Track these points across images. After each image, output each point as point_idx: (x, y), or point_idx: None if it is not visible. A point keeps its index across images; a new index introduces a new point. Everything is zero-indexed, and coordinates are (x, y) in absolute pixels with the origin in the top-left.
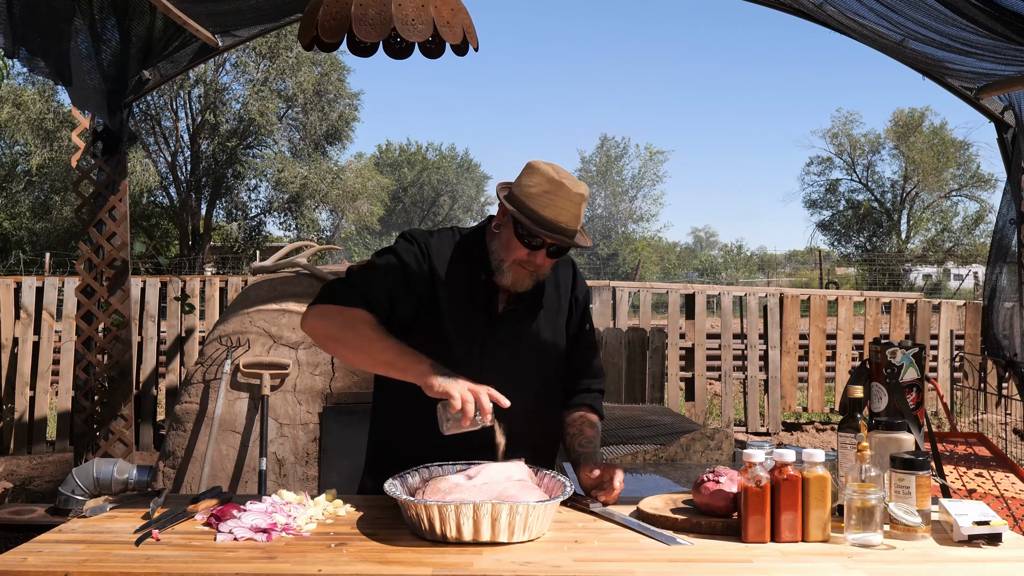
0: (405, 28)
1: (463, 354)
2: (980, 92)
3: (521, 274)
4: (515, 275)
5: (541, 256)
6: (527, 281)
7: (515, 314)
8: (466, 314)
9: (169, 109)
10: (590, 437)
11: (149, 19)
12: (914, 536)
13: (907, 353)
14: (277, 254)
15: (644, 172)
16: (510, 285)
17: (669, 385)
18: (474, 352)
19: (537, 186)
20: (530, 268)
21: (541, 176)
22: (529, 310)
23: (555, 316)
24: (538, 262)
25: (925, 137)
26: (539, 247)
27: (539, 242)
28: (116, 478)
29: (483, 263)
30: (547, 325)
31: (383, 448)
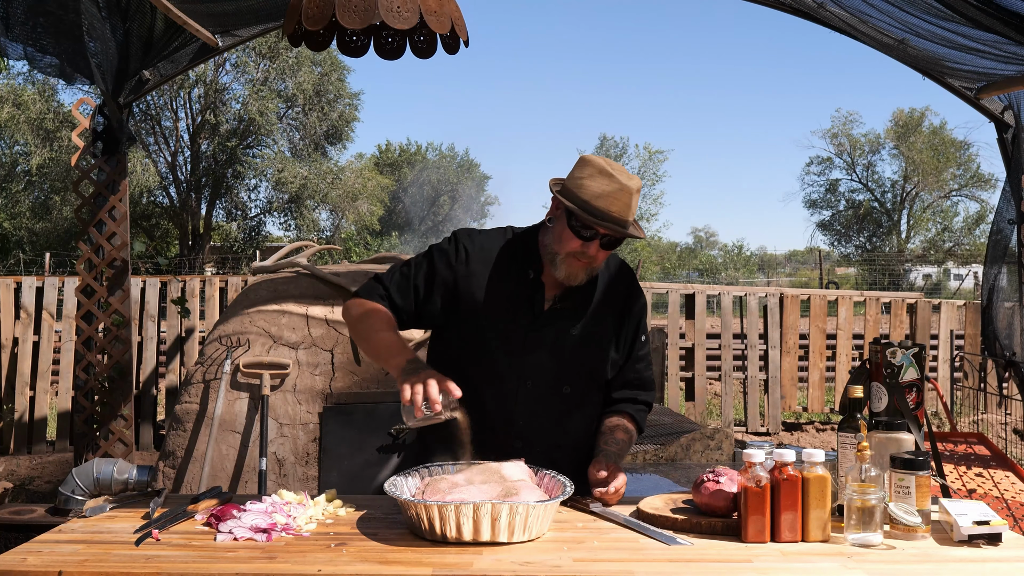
0: (390, 15)
1: (503, 351)
2: (980, 92)
3: (575, 267)
4: (569, 268)
5: (594, 247)
6: (581, 274)
7: (561, 313)
8: (508, 311)
9: (169, 109)
10: (619, 440)
11: (149, 19)
12: (914, 536)
13: (907, 353)
14: (277, 254)
15: (644, 172)
16: (564, 278)
17: (669, 385)
18: (514, 348)
19: (589, 177)
20: (584, 260)
21: (593, 168)
22: (576, 310)
23: (604, 320)
24: (591, 253)
25: (925, 137)
26: (592, 238)
27: (592, 233)
28: (116, 478)
29: (532, 261)
30: (594, 327)
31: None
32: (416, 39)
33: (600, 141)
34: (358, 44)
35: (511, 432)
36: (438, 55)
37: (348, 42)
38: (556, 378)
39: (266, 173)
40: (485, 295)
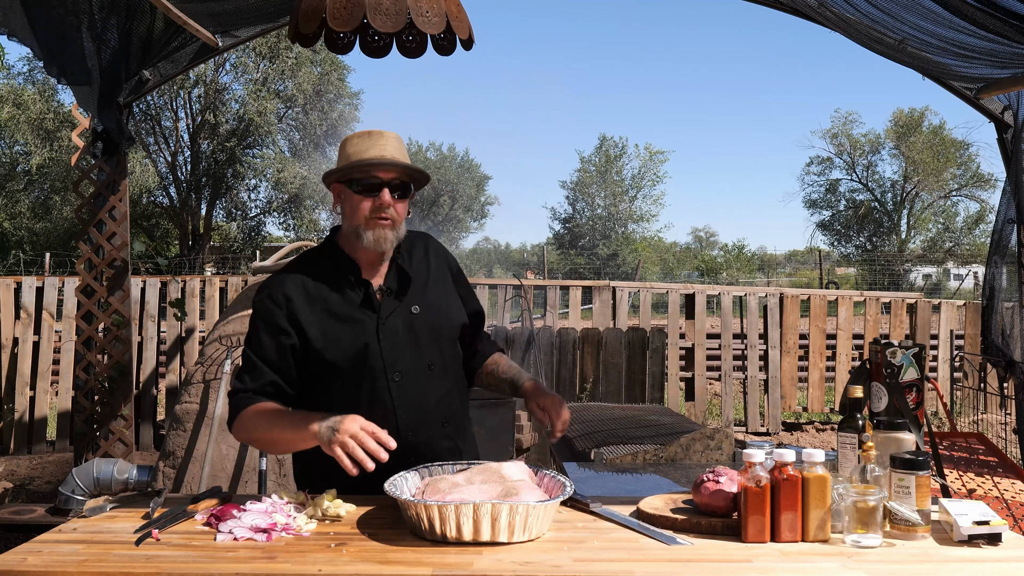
0: (420, 19)
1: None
2: (980, 92)
3: (379, 227)
4: (375, 232)
5: (385, 195)
6: (389, 235)
7: (395, 298)
8: (351, 321)
9: (169, 109)
10: (510, 364)
11: (149, 19)
12: (914, 536)
13: (907, 353)
14: (277, 254)
15: (644, 172)
16: (374, 245)
17: (669, 385)
18: (372, 350)
19: (350, 145)
20: (384, 217)
21: (351, 139)
22: (406, 290)
23: (435, 287)
24: (385, 201)
25: (925, 137)
26: (377, 188)
27: (376, 180)
28: (116, 478)
29: (344, 265)
30: (431, 298)
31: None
32: (404, 38)
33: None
34: (345, 41)
35: (398, 427)
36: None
37: (335, 39)
38: (418, 360)
39: (266, 173)
40: (324, 319)
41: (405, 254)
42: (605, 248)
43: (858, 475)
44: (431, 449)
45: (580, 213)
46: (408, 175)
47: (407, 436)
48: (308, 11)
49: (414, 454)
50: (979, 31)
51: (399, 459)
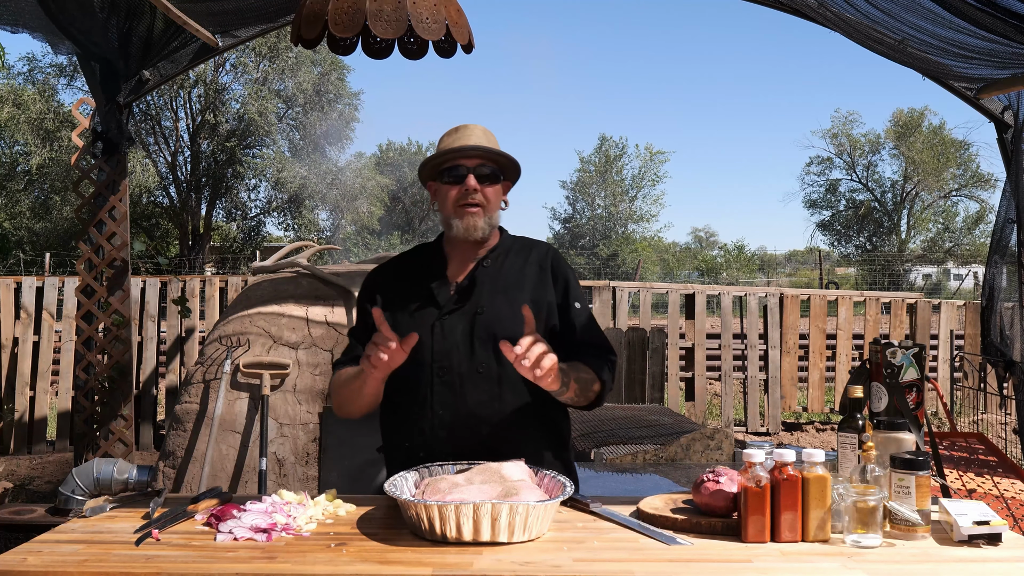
0: (420, 26)
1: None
2: (980, 92)
3: (466, 215)
4: (463, 221)
5: (470, 180)
6: (478, 222)
7: (467, 296)
8: (417, 308)
9: (169, 109)
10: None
11: (149, 19)
12: (914, 536)
13: (907, 353)
14: (277, 254)
15: (644, 172)
16: (465, 232)
17: (669, 385)
18: (424, 340)
19: (440, 142)
20: (472, 203)
21: (442, 136)
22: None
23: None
24: (470, 187)
25: (925, 137)
26: (463, 174)
27: (460, 169)
28: (116, 478)
29: (437, 259)
30: (508, 305)
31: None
32: (406, 40)
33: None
34: (347, 43)
35: (432, 423)
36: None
37: (337, 40)
38: (469, 361)
39: (266, 173)
40: (395, 305)
41: (500, 255)
42: (605, 248)
43: (858, 475)
44: (464, 453)
45: (580, 213)
46: (495, 162)
47: (439, 433)
48: (310, 16)
49: (447, 453)
50: (979, 31)
51: (430, 456)
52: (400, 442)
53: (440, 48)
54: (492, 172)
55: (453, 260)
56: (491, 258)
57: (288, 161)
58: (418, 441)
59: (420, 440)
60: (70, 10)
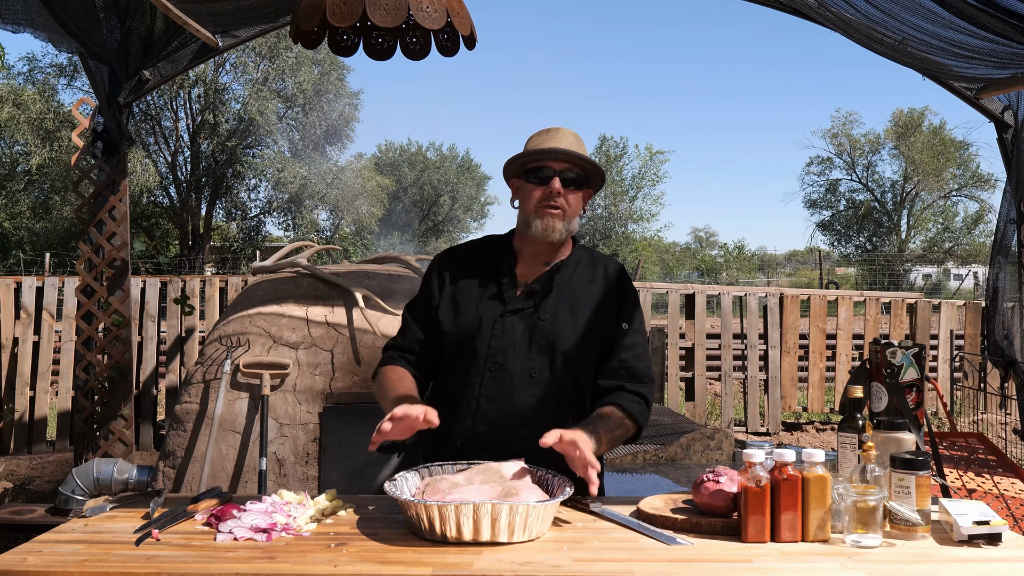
0: (420, 15)
1: (474, 340)
2: (980, 92)
3: (547, 216)
4: (543, 221)
5: (556, 183)
6: (557, 224)
7: (531, 298)
8: (479, 303)
9: (169, 109)
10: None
11: (149, 19)
12: (914, 536)
13: (907, 353)
14: (277, 254)
15: (644, 172)
16: (542, 234)
17: (669, 385)
18: (484, 336)
19: (530, 142)
20: (554, 205)
21: (532, 136)
22: (549, 296)
23: (583, 307)
24: (554, 189)
25: (925, 137)
26: (548, 178)
27: (547, 171)
28: (116, 478)
29: (506, 257)
30: (569, 313)
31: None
32: (408, 40)
33: (600, 141)
34: (348, 43)
35: (476, 416)
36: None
37: (338, 40)
38: (524, 362)
39: (266, 173)
40: (460, 293)
41: (571, 266)
42: (605, 248)
43: (858, 475)
44: (501, 450)
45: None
46: (581, 168)
47: (480, 427)
48: (308, 8)
49: (483, 447)
50: (979, 31)
51: (466, 447)
52: (440, 429)
53: (442, 46)
54: (577, 177)
55: (523, 260)
56: (562, 266)
57: (288, 161)
58: (457, 430)
59: (460, 429)
60: (72, 9)
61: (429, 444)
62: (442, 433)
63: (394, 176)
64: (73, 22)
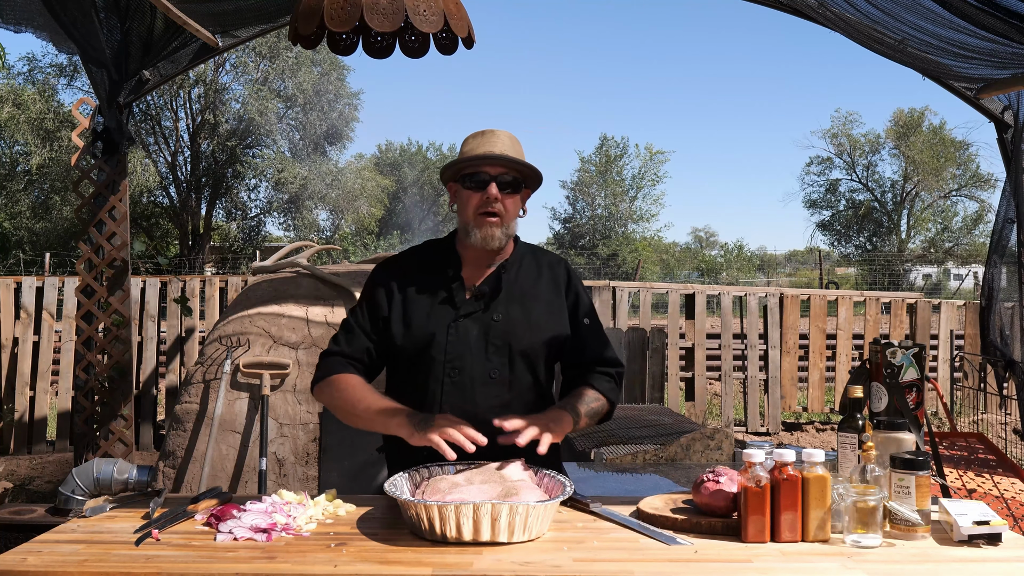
0: (417, 18)
1: (430, 348)
2: (980, 92)
3: (485, 225)
4: (482, 231)
5: (492, 189)
6: (496, 232)
7: (482, 301)
8: (430, 311)
9: (169, 109)
10: (576, 395)
11: (149, 19)
12: (914, 536)
13: (907, 353)
14: (277, 254)
15: (644, 172)
16: (482, 242)
17: (669, 385)
18: (439, 342)
19: (466, 145)
20: (492, 212)
21: (467, 139)
22: (499, 298)
23: (534, 304)
24: (491, 195)
25: (925, 137)
26: (485, 183)
27: (483, 176)
28: (116, 478)
29: (450, 262)
30: (522, 312)
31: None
32: (407, 38)
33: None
34: (347, 43)
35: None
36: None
37: (338, 40)
38: (482, 365)
39: (266, 173)
40: (409, 302)
41: (515, 264)
42: (605, 248)
43: (858, 475)
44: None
45: (580, 213)
46: (518, 171)
47: None
48: (306, 12)
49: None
50: (979, 31)
51: (433, 454)
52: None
53: (441, 44)
54: (514, 181)
55: (468, 262)
56: (507, 266)
57: (288, 161)
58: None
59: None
60: (71, 10)
61: (395, 455)
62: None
63: (394, 176)
64: (72, 23)
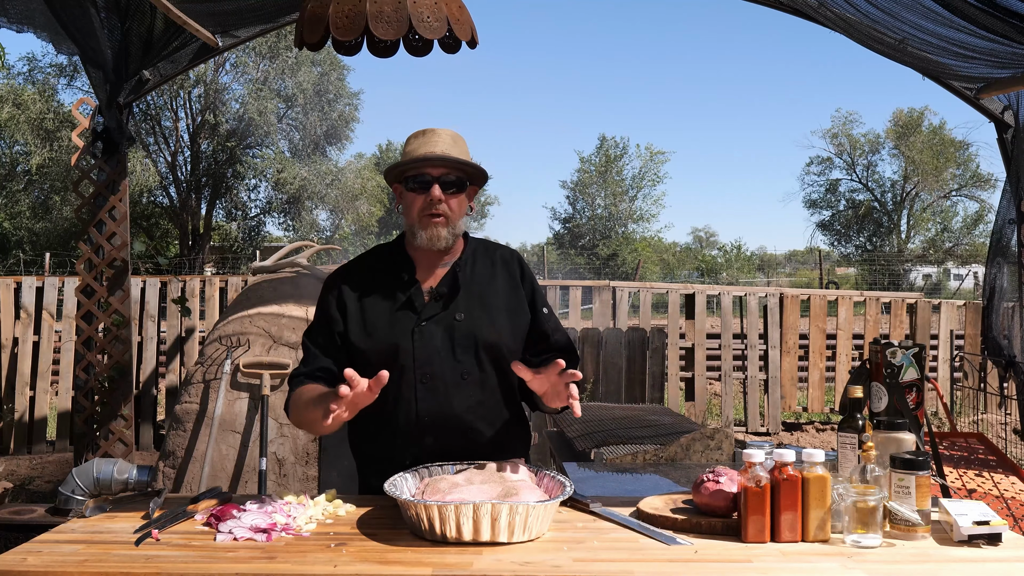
0: (421, 25)
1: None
2: (980, 92)
3: (432, 225)
4: (428, 229)
5: (435, 190)
6: (442, 231)
7: (441, 303)
8: (391, 317)
9: (169, 109)
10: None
11: (149, 19)
12: (914, 536)
13: (907, 353)
14: (277, 254)
15: (644, 172)
16: (428, 243)
17: (669, 385)
18: (405, 348)
19: (408, 145)
20: (436, 212)
21: (409, 139)
22: (457, 297)
23: (493, 300)
24: (436, 197)
25: (925, 137)
26: (428, 184)
27: (425, 177)
28: (116, 478)
29: (403, 265)
30: (481, 309)
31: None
32: (411, 38)
33: (600, 141)
34: (352, 43)
35: (419, 428)
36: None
37: (342, 41)
38: (451, 366)
39: (266, 173)
40: (367, 311)
41: (468, 261)
42: (605, 248)
43: (858, 475)
44: (450, 456)
45: (580, 213)
46: (461, 170)
47: (427, 440)
48: (312, 20)
49: (433, 457)
50: (979, 31)
51: (416, 460)
52: (380, 449)
53: (444, 44)
54: (457, 180)
55: (420, 264)
56: (461, 264)
57: (288, 161)
58: (403, 446)
59: (405, 444)
60: (72, 10)
61: (377, 465)
62: (388, 452)
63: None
64: (73, 24)
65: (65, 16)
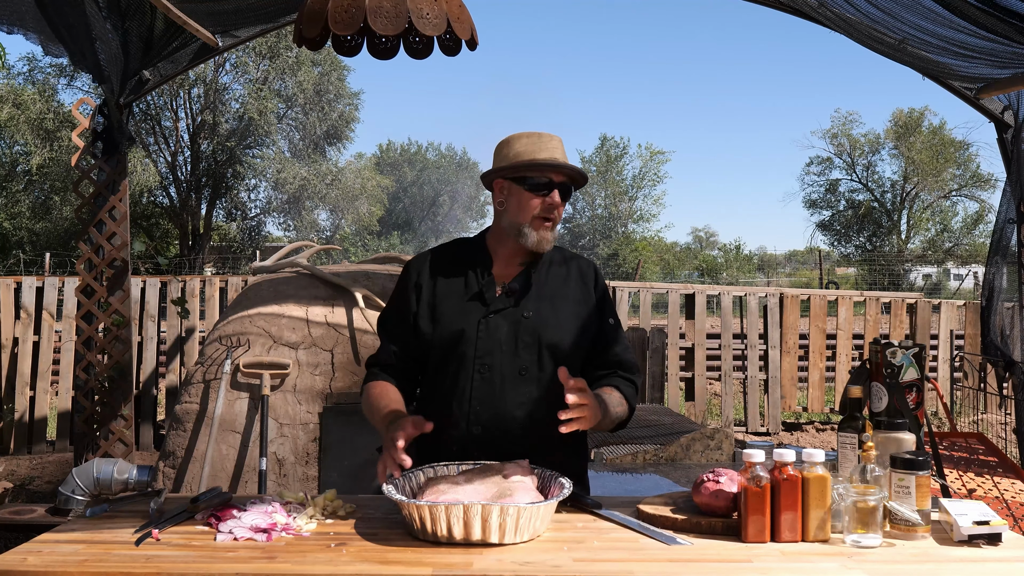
0: (420, 22)
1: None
2: (980, 92)
3: (543, 229)
4: (539, 233)
5: (556, 195)
6: (549, 236)
7: (512, 299)
8: (461, 307)
9: (169, 109)
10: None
11: (149, 19)
12: (914, 536)
13: (907, 353)
14: (277, 254)
15: (644, 172)
16: (536, 245)
17: (669, 385)
18: (470, 338)
19: (520, 144)
20: (549, 217)
21: (517, 137)
22: (529, 296)
23: (563, 303)
24: (554, 202)
25: (925, 137)
26: (549, 189)
27: (550, 181)
28: (116, 478)
29: (481, 260)
30: (551, 310)
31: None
32: (411, 39)
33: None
34: (352, 44)
35: (469, 418)
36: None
37: (342, 42)
38: (512, 361)
39: (266, 173)
40: (439, 297)
41: (545, 264)
42: (605, 248)
43: (858, 475)
44: (496, 451)
45: (580, 213)
46: (572, 179)
47: (474, 429)
48: (310, 15)
49: (479, 449)
50: (979, 31)
51: (463, 450)
52: (433, 435)
53: (444, 45)
54: (569, 188)
55: (499, 260)
56: (539, 264)
57: (288, 161)
58: (452, 434)
59: (454, 433)
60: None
61: (424, 450)
62: (436, 438)
63: (394, 176)
64: (66, 26)
65: (57, 18)
